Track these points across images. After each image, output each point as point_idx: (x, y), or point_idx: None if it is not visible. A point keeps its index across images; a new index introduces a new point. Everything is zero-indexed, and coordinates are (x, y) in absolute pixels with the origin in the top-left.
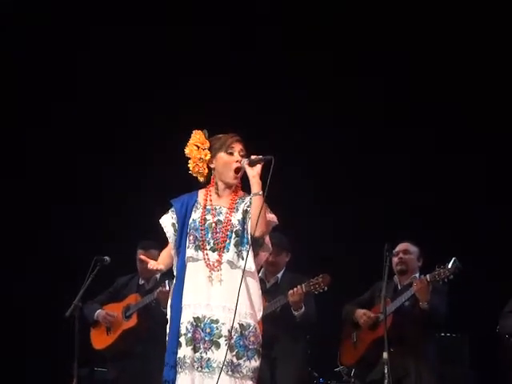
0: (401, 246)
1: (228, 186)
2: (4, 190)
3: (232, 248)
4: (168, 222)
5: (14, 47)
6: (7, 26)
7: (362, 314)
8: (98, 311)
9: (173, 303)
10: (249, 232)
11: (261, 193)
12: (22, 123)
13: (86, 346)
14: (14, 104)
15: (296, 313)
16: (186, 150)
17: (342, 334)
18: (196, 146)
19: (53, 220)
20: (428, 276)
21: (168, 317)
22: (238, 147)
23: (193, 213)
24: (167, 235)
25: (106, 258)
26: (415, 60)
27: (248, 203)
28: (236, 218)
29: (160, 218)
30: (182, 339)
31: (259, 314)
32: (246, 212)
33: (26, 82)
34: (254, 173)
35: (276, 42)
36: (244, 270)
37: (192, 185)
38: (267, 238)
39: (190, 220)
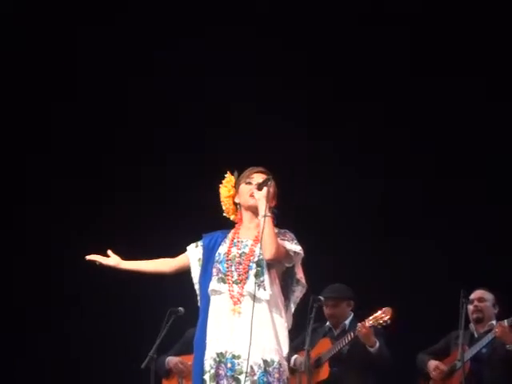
0: (476, 294)
1: (252, 211)
2: None
3: (252, 278)
4: (195, 255)
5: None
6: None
7: (434, 367)
8: (168, 358)
9: (197, 339)
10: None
11: (268, 214)
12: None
13: None
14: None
15: (372, 349)
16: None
17: (418, 382)
18: (225, 186)
19: None
20: (506, 321)
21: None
22: (257, 177)
23: (220, 247)
24: (191, 268)
25: (181, 309)
26: None
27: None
28: (260, 248)
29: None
30: (207, 376)
31: (285, 350)
32: None
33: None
34: (258, 196)
35: None
36: (254, 299)
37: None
38: (300, 274)
39: (216, 253)
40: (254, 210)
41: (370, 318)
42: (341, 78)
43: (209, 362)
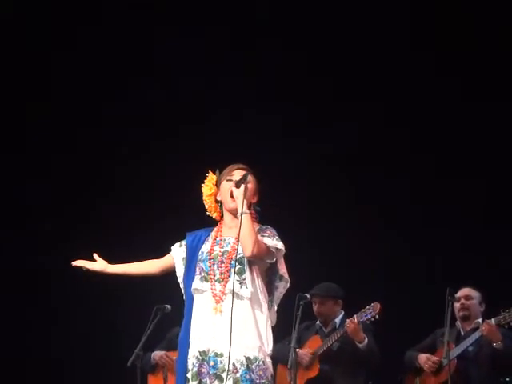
0: (463, 292)
1: (233, 213)
2: None
3: (233, 276)
4: (179, 255)
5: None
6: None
7: (425, 359)
8: (154, 352)
9: (181, 337)
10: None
11: (246, 212)
12: None
13: None
14: None
15: (360, 345)
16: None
17: (405, 380)
18: (207, 185)
19: None
20: (493, 320)
21: None
22: (238, 174)
23: (203, 245)
24: (176, 268)
25: (167, 306)
26: None
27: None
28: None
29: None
30: (189, 375)
31: (268, 348)
32: None
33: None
34: (236, 193)
35: None
36: (232, 295)
37: None
38: (283, 270)
39: (199, 252)
40: (235, 213)
41: (359, 313)
42: (341, 77)
43: (191, 361)
